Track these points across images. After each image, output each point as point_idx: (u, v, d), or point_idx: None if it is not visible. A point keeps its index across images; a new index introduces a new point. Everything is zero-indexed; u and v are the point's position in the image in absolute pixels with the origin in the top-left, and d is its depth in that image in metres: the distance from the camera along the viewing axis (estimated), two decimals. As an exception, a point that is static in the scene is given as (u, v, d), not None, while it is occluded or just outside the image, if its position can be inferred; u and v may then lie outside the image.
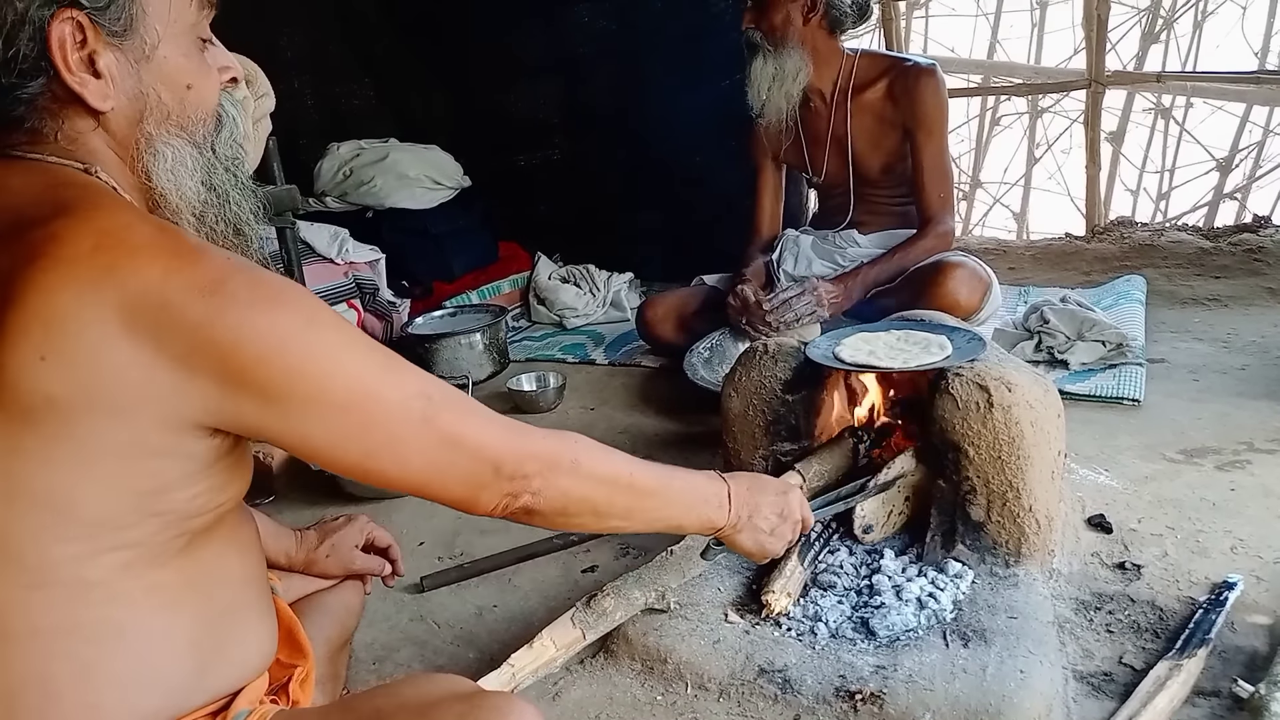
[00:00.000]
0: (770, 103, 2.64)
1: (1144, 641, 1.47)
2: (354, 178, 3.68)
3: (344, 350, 0.86)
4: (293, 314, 0.82)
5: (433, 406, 0.89)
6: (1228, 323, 2.89)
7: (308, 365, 0.83)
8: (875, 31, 4.63)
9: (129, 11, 0.85)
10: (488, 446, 0.93)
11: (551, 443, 0.99)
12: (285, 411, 0.83)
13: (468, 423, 0.92)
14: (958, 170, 5.78)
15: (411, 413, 0.88)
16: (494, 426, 0.95)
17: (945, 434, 1.60)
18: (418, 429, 0.88)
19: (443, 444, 0.90)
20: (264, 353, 0.80)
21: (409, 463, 0.89)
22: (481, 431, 0.93)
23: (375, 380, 0.87)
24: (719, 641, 1.51)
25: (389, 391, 0.87)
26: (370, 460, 0.88)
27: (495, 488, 0.93)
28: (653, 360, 3.05)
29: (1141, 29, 5.25)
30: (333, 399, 0.84)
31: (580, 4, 3.79)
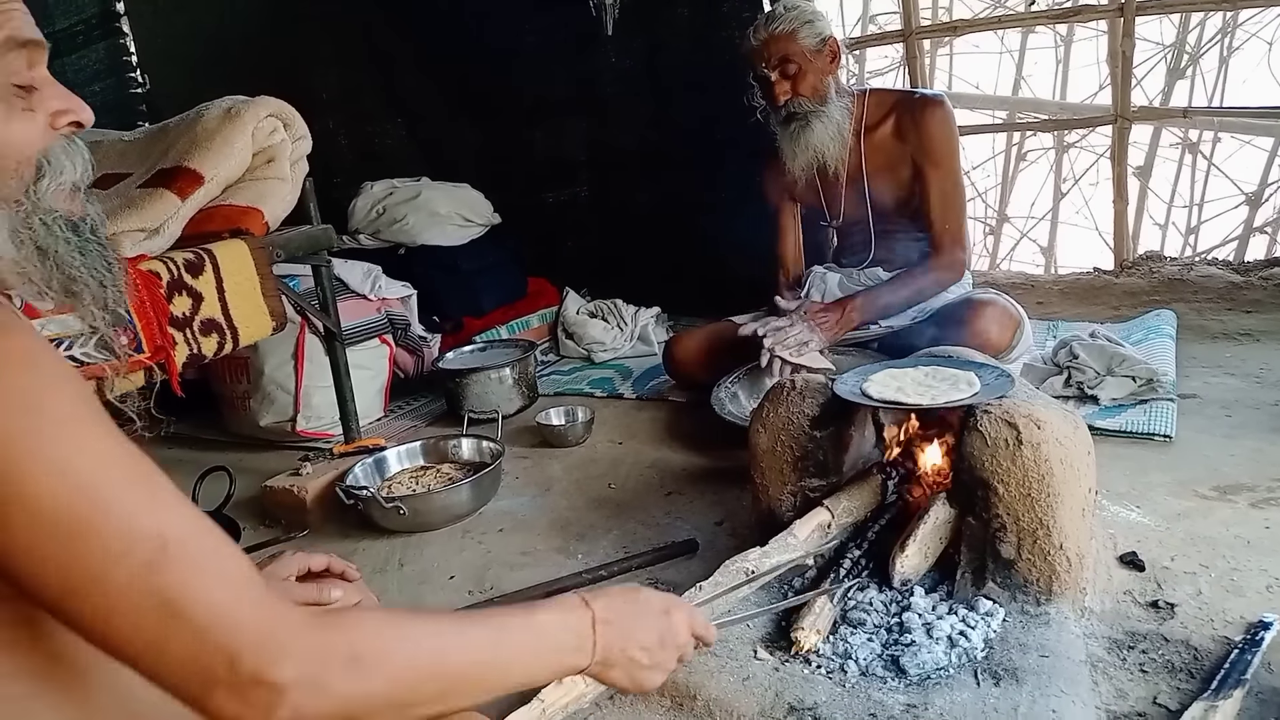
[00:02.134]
0: (829, 155, 2.66)
1: (1178, 682, 1.46)
2: (387, 215, 3.75)
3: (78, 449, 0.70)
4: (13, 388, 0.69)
5: (164, 556, 0.70)
6: (1260, 357, 2.86)
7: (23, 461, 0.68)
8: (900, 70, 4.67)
9: None
10: (222, 628, 0.70)
11: (320, 635, 0.75)
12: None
13: (205, 589, 0.71)
14: (984, 205, 5.80)
15: (134, 552, 0.69)
16: (243, 605, 0.72)
17: (974, 471, 1.60)
18: (131, 578, 0.69)
19: (159, 609, 0.69)
20: None
21: (113, 621, 0.69)
22: (221, 605, 0.71)
23: (104, 494, 0.70)
24: (748, 679, 1.52)
25: (116, 518, 0.69)
26: (70, 600, 0.69)
27: (230, 693, 0.70)
28: (680, 395, 3.07)
29: (1167, 64, 5.25)
30: (42, 509, 0.67)
31: (606, 45, 3.86)
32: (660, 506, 2.29)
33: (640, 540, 2.14)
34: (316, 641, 0.74)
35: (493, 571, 2.09)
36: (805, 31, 2.56)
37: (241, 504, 2.53)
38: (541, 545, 2.20)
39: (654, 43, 3.78)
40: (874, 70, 5.52)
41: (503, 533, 2.29)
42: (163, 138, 2.36)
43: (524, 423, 3.00)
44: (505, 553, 2.17)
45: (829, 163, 2.67)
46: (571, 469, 2.64)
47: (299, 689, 0.71)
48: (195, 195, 2.18)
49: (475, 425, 2.89)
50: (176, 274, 2.03)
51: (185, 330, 2.05)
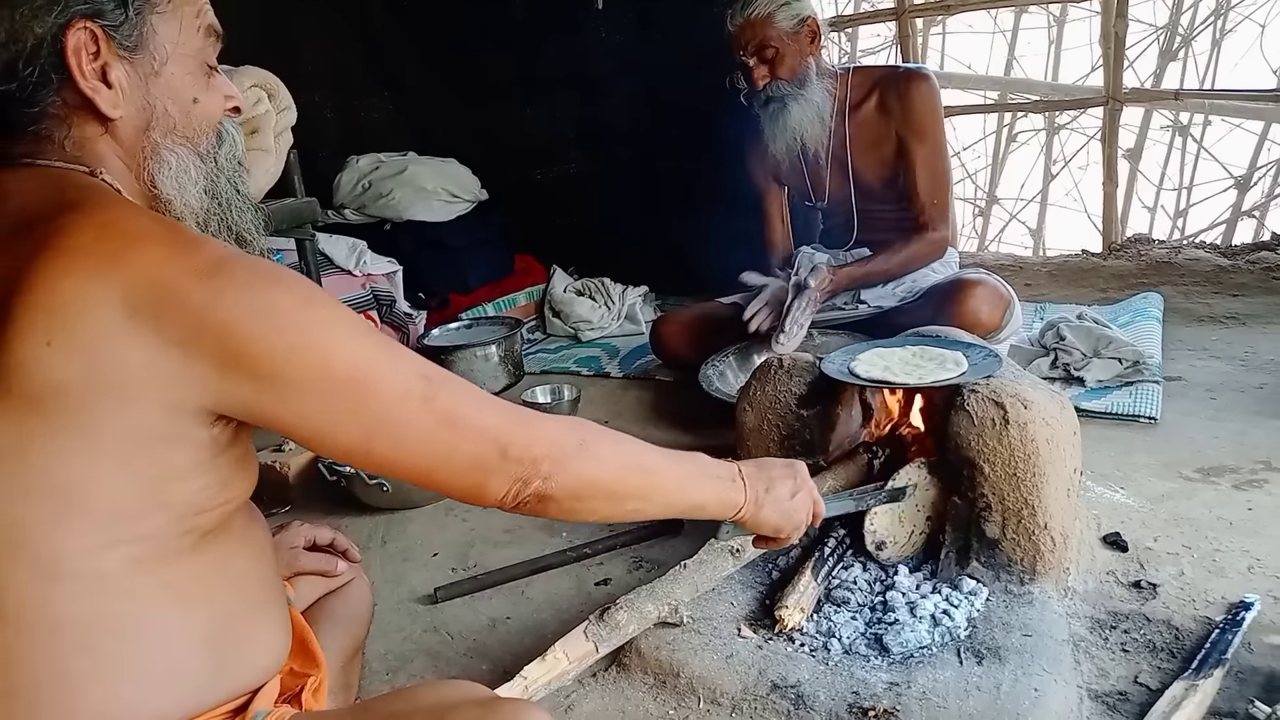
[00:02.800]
0: (809, 137, 2.64)
1: (1160, 661, 1.46)
2: (373, 190, 3.71)
3: (341, 331, 0.86)
4: (289, 294, 0.84)
5: (432, 387, 0.88)
6: (1245, 341, 2.87)
7: (305, 344, 0.83)
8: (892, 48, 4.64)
9: (140, 29, 0.90)
10: (491, 428, 0.90)
11: (558, 425, 0.97)
12: (282, 391, 0.82)
13: (469, 404, 0.90)
14: (974, 186, 5.79)
15: (411, 393, 0.87)
16: (497, 409, 0.93)
17: (960, 450, 1.60)
18: (417, 409, 0.87)
19: (443, 425, 0.88)
20: (261, 332, 0.81)
21: (408, 445, 0.88)
22: (484, 413, 0.91)
23: (373, 360, 0.86)
24: (732, 656, 1.51)
25: (387, 371, 0.87)
26: (370, 442, 0.86)
27: (503, 472, 0.90)
28: (666, 374, 3.06)
29: (1159, 46, 5.25)
30: (329, 377, 0.84)
31: (597, 20, 3.82)
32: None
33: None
34: (556, 430, 0.95)
35: (476, 549, 2.09)
36: (781, 15, 2.52)
37: (224, 479, 2.51)
38: (525, 523, 2.19)
39: (645, 18, 3.74)
40: (866, 49, 5.49)
41: (486, 510, 2.28)
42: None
43: (510, 400, 2.98)
44: (489, 530, 2.17)
45: (809, 144, 2.65)
46: (557, 447, 2.62)
47: (549, 461, 0.92)
48: (176, 166, 2.14)
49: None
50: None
51: (166, 303, 2.03)
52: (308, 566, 1.33)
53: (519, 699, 1.01)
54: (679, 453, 1.11)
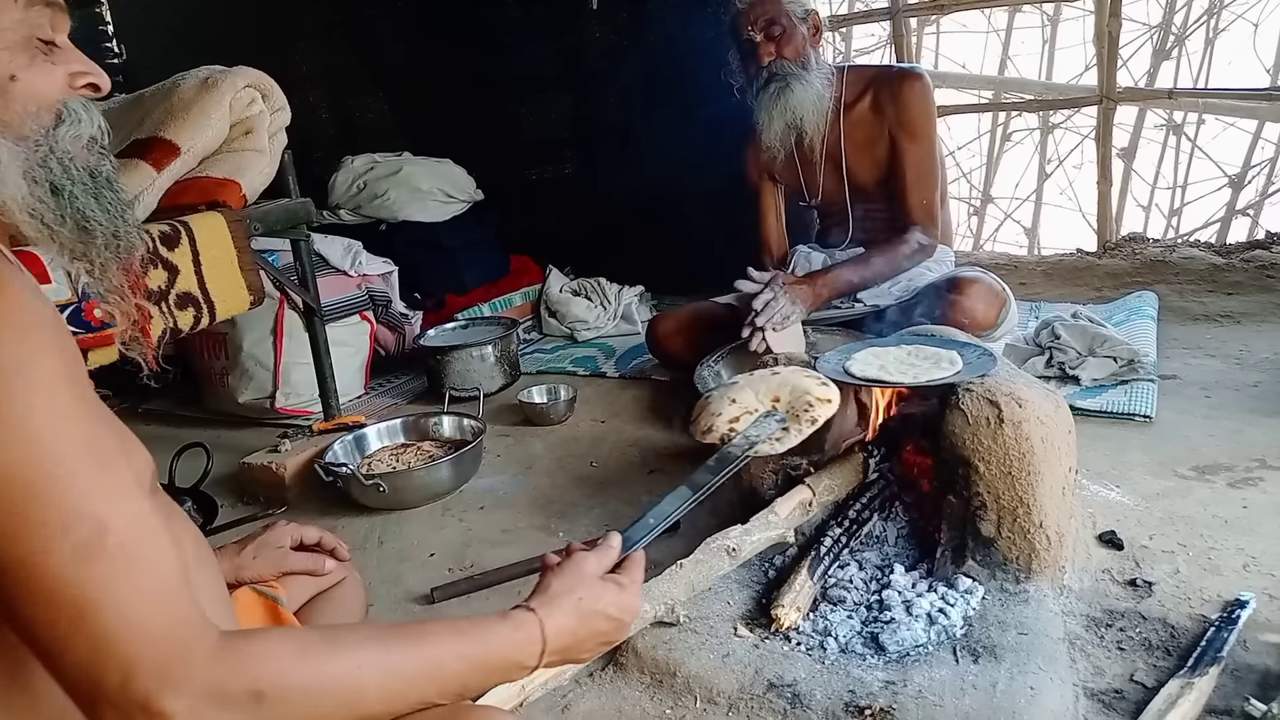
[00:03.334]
0: (807, 122, 2.64)
1: (1155, 659, 1.47)
2: (368, 191, 3.71)
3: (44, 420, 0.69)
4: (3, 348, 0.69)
5: (101, 545, 0.67)
6: (1240, 339, 2.88)
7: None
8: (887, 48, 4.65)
9: None
10: (126, 641, 0.66)
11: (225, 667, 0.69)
12: None
13: (125, 594, 0.67)
14: (969, 186, 5.80)
15: (71, 533, 0.67)
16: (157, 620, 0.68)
17: (955, 449, 1.60)
18: (62, 561, 0.66)
19: (75, 603, 0.66)
20: None
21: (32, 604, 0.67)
22: (134, 616, 0.67)
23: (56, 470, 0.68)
24: (728, 655, 1.51)
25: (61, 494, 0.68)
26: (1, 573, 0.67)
27: (115, 712, 0.66)
28: (663, 374, 3.05)
29: (1153, 45, 5.25)
30: None
31: (592, 20, 3.82)
32: (642, 485, 2.29)
33: (622, 518, 2.13)
34: (220, 674, 0.69)
35: (473, 549, 2.08)
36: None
37: (219, 481, 2.50)
38: (523, 523, 2.19)
39: (639, 18, 3.74)
40: (860, 49, 5.50)
41: (484, 510, 2.28)
42: (138, 108, 2.31)
43: (506, 401, 2.98)
44: (486, 530, 2.16)
45: (806, 130, 2.65)
46: (553, 447, 2.63)
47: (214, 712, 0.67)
48: (171, 166, 2.14)
49: (457, 403, 2.87)
50: (152, 246, 1.99)
51: (161, 304, 2.02)
52: (295, 566, 1.31)
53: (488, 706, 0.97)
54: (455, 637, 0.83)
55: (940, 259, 2.76)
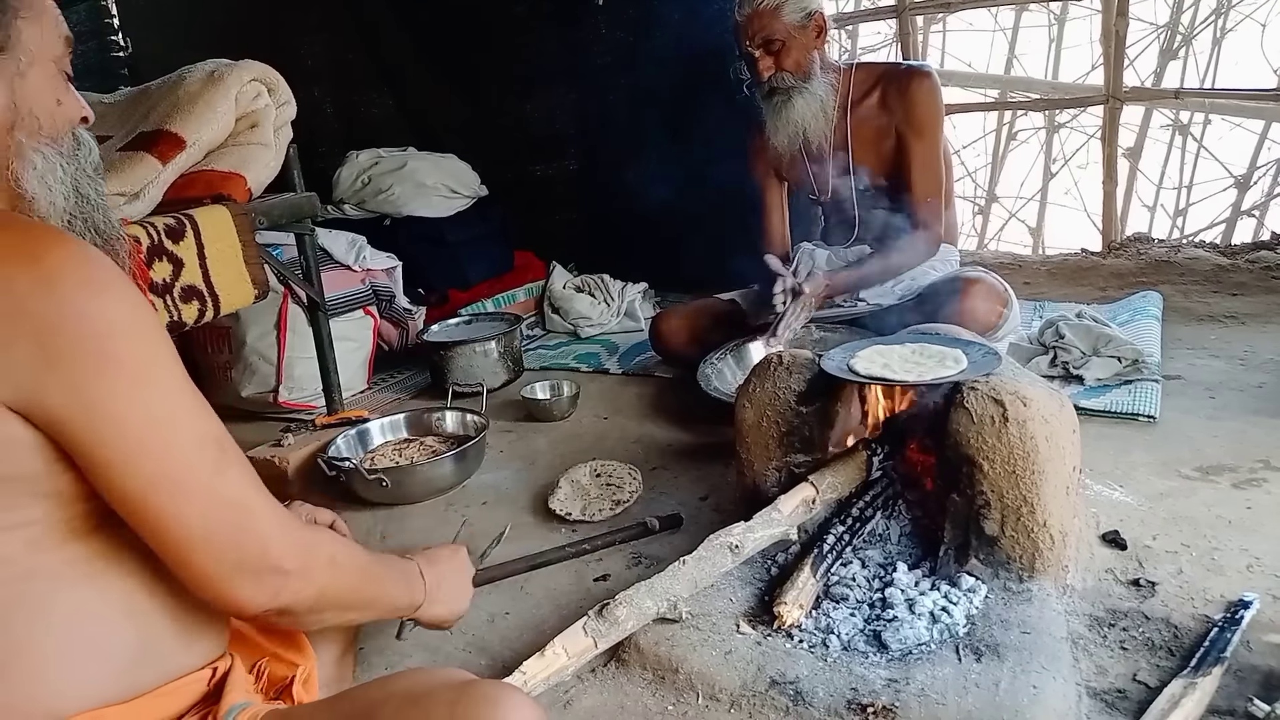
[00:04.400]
0: (811, 131, 2.64)
1: (1158, 659, 1.46)
2: (372, 186, 3.71)
3: (162, 362, 0.86)
4: (124, 305, 0.84)
5: (225, 459, 0.88)
6: (1245, 340, 2.87)
7: (129, 360, 0.83)
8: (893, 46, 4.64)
9: (8, 32, 0.94)
10: (266, 525, 0.90)
11: (311, 538, 0.98)
12: (90, 404, 0.81)
13: (253, 491, 0.91)
14: (974, 185, 5.79)
15: (205, 455, 0.87)
16: (272, 505, 0.93)
17: (959, 448, 1.60)
18: (207, 477, 0.87)
19: (224, 502, 0.88)
20: (88, 333, 0.80)
21: (183, 511, 0.86)
22: (264, 506, 0.91)
23: (186, 405, 0.87)
24: (731, 652, 1.51)
25: (192, 422, 0.87)
26: (150, 492, 0.84)
27: (258, 579, 0.90)
28: (666, 370, 3.05)
29: (1160, 45, 5.24)
30: (144, 405, 0.83)
31: (597, 16, 3.81)
32: (645, 481, 2.29)
33: (624, 515, 2.14)
34: (311, 542, 0.97)
35: (476, 544, 2.08)
36: (789, 7, 2.53)
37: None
38: (525, 519, 2.19)
39: (645, 14, 3.73)
40: (866, 46, 5.48)
41: (486, 506, 2.28)
42: (144, 100, 2.31)
43: (509, 396, 2.98)
44: (489, 526, 2.16)
45: (812, 138, 2.65)
46: (556, 443, 2.63)
47: (297, 576, 0.93)
48: (177, 159, 2.14)
49: (460, 398, 2.87)
50: (157, 239, 2.00)
51: (165, 297, 2.02)
52: None
53: (496, 681, 1.01)
54: (384, 557, 1.19)
55: (945, 258, 2.76)
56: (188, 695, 0.95)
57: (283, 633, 1.17)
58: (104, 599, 0.89)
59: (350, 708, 0.96)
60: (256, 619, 0.95)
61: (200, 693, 0.96)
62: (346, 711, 0.95)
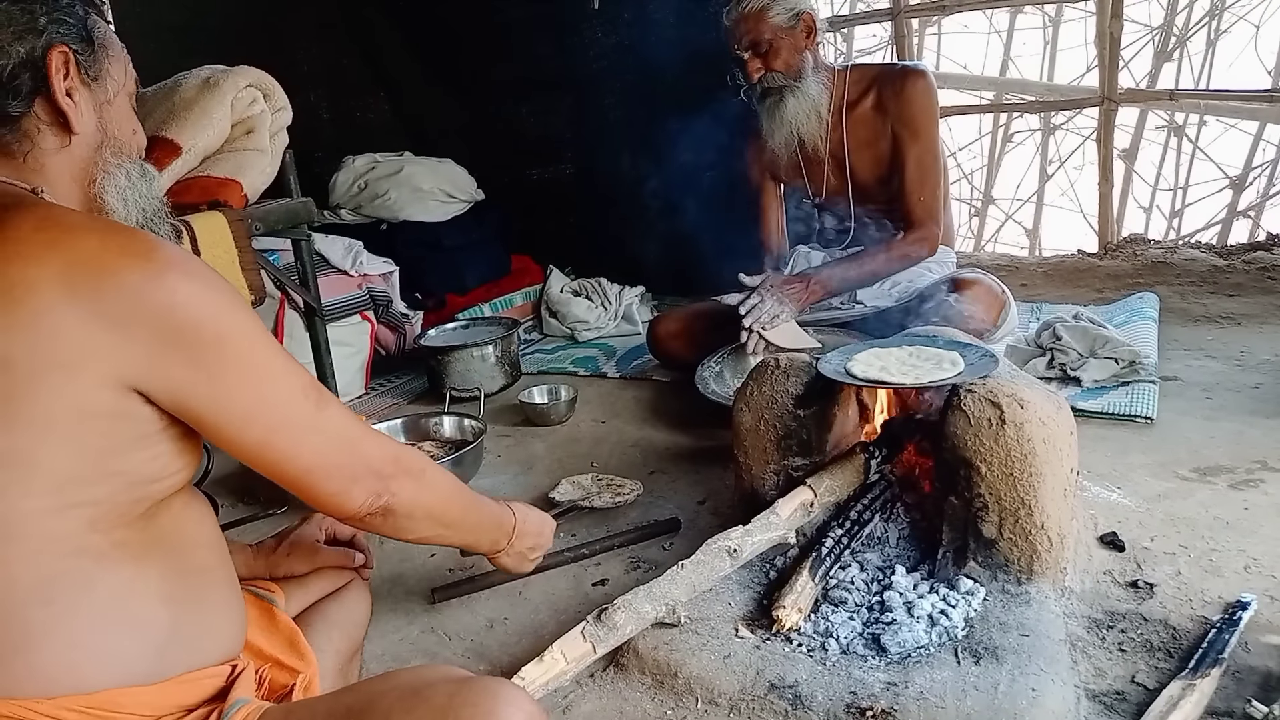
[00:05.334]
0: (805, 131, 2.65)
1: (1157, 661, 1.46)
2: (369, 190, 3.71)
3: (259, 334, 0.97)
4: (221, 290, 0.94)
5: (322, 399, 1.01)
6: (1241, 341, 2.88)
7: (236, 336, 0.93)
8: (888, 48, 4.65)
9: (101, 63, 1.06)
10: (365, 443, 1.06)
11: (407, 451, 1.13)
12: (211, 375, 0.91)
13: (349, 419, 1.05)
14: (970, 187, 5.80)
15: (308, 400, 1.00)
16: (366, 427, 1.10)
17: (957, 450, 1.60)
18: (313, 416, 1.00)
19: (331, 435, 1.01)
20: (199, 317, 0.90)
21: (301, 448, 0.99)
22: (360, 429, 1.06)
23: (283, 365, 0.99)
24: (729, 656, 1.51)
25: (292, 377, 0.99)
26: (270, 439, 0.97)
27: (366, 484, 1.04)
28: (664, 374, 3.05)
29: (1155, 47, 5.25)
30: (253, 371, 0.95)
31: (593, 20, 3.81)
32: (643, 485, 2.29)
33: (622, 519, 2.14)
34: (407, 455, 1.12)
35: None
36: (776, 9, 2.54)
37: (220, 480, 2.50)
38: (523, 523, 2.18)
39: (641, 18, 3.74)
40: (862, 49, 5.49)
41: (484, 510, 2.28)
42: (139, 107, 2.30)
43: (506, 401, 2.98)
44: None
45: (806, 138, 2.66)
46: (554, 447, 2.63)
47: (397, 480, 1.07)
48: (173, 166, 2.14)
49: (457, 403, 2.87)
50: (153, 246, 2.00)
51: (162, 304, 2.02)
52: (328, 560, 1.39)
53: (495, 677, 1.03)
54: (481, 496, 1.31)
55: (941, 260, 2.76)
56: (207, 688, 0.98)
57: (285, 639, 1.18)
58: (143, 583, 0.94)
59: (351, 700, 0.97)
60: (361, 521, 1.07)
61: (217, 688, 0.99)
62: (347, 704, 0.96)
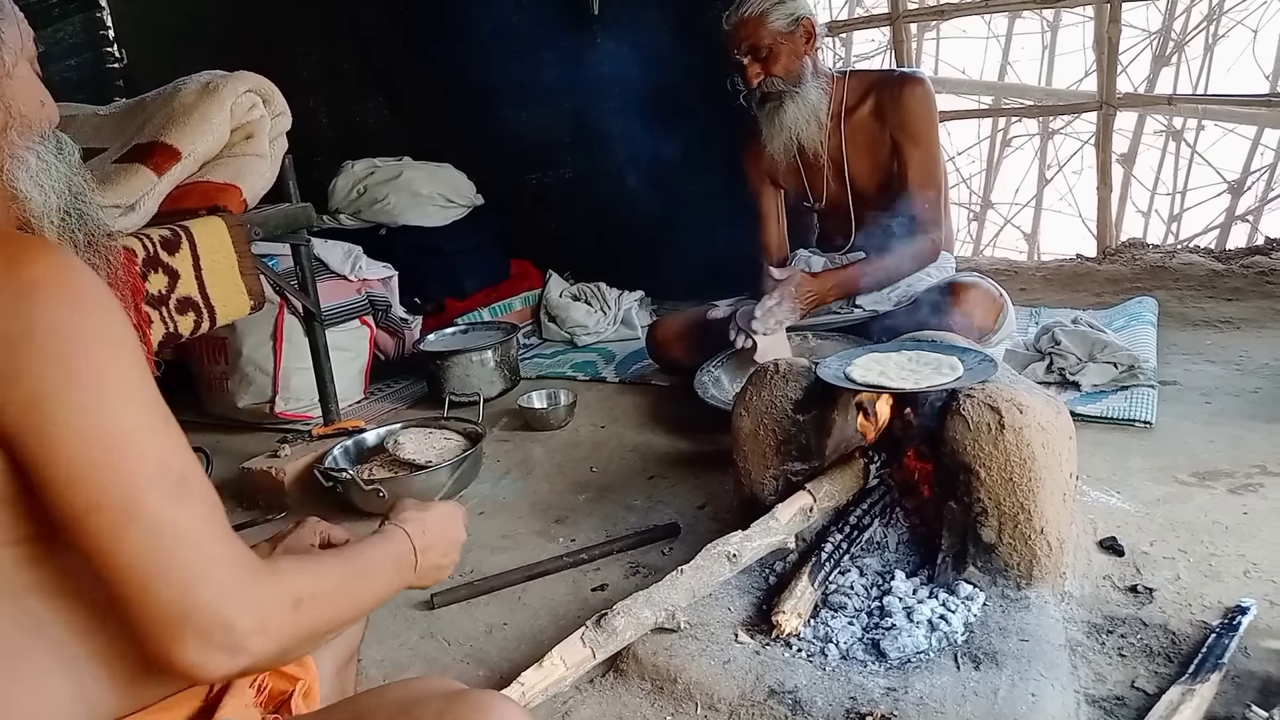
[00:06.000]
0: (805, 136, 2.65)
1: (1156, 665, 1.46)
2: (368, 195, 3.71)
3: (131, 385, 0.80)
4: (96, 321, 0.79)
5: (184, 493, 0.80)
6: (1240, 345, 2.88)
7: (91, 375, 0.78)
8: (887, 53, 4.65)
9: None
10: (218, 569, 0.79)
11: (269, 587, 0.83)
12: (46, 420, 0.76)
13: (209, 530, 0.80)
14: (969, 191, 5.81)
15: (160, 485, 0.78)
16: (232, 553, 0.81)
17: (956, 455, 1.60)
18: (155, 506, 0.78)
19: (171, 538, 0.78)
20: (53, 348, 0.76)
21: (125, 538, 0.77)
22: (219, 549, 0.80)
23: (144, 430, 0.80)
24: (729, 662, 1.51)
25: (150, 449, 0.79)
26: (91, 514, 0.76)
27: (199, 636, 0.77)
28: (663, 379, 3.05)
29: (1153, 51, 5.26)
30: (94, 426, 0.77)
31: (593, 25, 3.82)
32: (642, 490, 2.29)
33: (622, 524, 2.13)
34: (268, 593, 0.83)
35: (473, 555, 2.08)
36: (775, 14, 2.54)
37: (219, 486, 2.47)
38: (522, 529, 2.19)
39: (640, 23, 3.74)
40: (860, 54, 5.50)
41: (483, 515, 2.28)
42: (139, 112, 2.32)
43: (506, 405, 2.98)
44: (486, 536, 2.16)
45: (805, 144, 2.66)
46: (553, 452, 2.63)
47: (254, 635, 0.80)
48: (172, 171, 2.14)
49: (456, 408, 2.87)
50: (152, 251, 2.00)
51: (161, 308, 2.02)
52: None
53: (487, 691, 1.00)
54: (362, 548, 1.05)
55: (940, 264, 2.76)
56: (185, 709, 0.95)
57: None
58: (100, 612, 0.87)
59: (342, 717, 0.96)
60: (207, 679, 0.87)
61: (195, 707, 0.96)
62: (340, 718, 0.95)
